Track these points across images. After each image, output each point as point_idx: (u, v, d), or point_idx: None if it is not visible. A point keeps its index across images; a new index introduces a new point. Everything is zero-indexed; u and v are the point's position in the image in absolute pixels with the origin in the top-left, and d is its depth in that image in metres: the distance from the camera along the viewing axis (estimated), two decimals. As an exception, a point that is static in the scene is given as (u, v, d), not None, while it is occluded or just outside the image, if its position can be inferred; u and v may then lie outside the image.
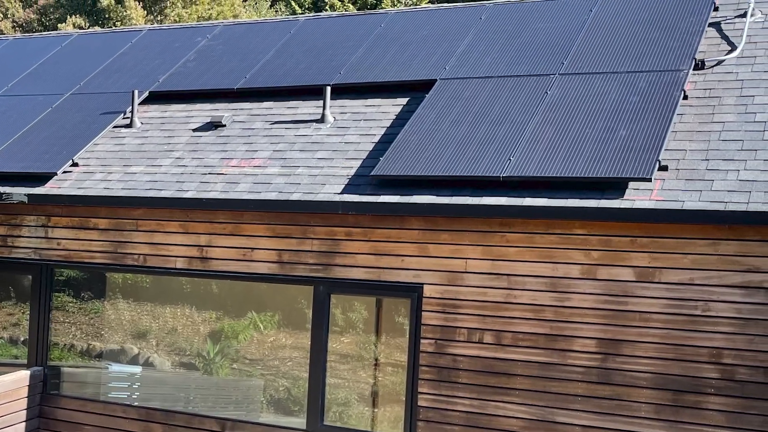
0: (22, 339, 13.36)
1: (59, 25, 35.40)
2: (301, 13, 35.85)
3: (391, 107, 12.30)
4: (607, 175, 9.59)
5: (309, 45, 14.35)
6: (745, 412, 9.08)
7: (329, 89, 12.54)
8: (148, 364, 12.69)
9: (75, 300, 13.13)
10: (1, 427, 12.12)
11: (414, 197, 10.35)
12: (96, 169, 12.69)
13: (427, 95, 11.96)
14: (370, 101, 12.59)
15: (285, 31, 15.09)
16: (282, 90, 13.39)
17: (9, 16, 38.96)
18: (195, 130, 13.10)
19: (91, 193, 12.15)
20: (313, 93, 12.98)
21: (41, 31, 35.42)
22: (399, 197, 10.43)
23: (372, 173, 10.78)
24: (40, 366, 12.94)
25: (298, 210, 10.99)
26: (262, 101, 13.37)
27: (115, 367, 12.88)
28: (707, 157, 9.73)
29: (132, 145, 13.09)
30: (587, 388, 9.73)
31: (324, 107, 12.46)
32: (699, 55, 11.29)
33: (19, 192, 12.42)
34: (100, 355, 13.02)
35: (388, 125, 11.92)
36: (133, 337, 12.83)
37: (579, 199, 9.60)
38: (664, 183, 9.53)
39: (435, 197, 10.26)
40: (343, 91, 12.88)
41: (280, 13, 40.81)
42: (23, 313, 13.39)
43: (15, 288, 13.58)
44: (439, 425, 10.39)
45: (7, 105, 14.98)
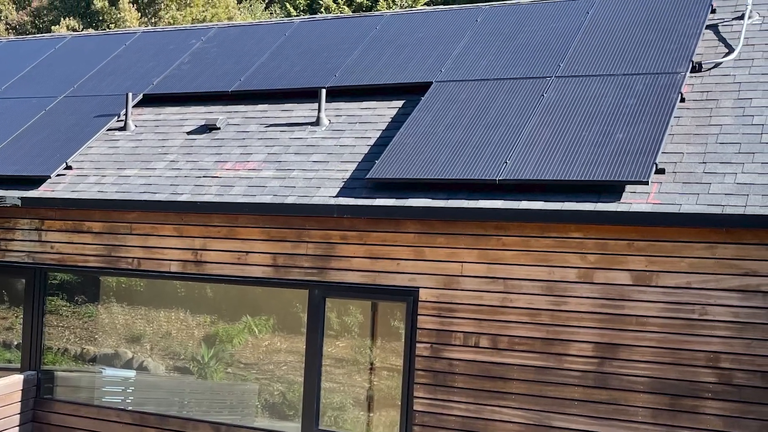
0: (15, 343, 13.30)
1: (53, 28, 35.29)
2: (296, 16, 35.80)
3: (387, 110, 12.26)
4: (604, 179, 9.55)
5: (304, 47, 14.30)
6: (743, 416, 9.04)
7: (324, 92, 12.50)
8: (142, 368, 12.64)
9: (69, 304, 13.08)
10: (-6, 432, 12.09)
11: (409, 200, 10.31)
12: (90, 172, 12.63)
13: (423, 98, 11.92)
14: (365, 104, 12.54)
15: (280, 34, 15.04)
16: (277, 92, 13.34)
17: (2, 18, 38.87)
18: (189, 132, 13.05)
19: (85, 197, 12.10)
20: (309, 95, 12.94)
21: (35, 34, 35.36)
22: (394, 200, 10.38)
23: (367, 176, 10.74)
24: (33, 370, 12.88)
25: (293, 213, 10.94)
26: (256, 104, 13.31)
27: (109, 372, 12.83)
28: (704, 160, 9.69)
29: (126, 148, 13.03)
30: (584, 392, 9.69)
31: (319, 110, 12.41)
32: (696, 58, 11.26)
33: (13, 195, 12.37)
34: (93, 359, 12.97)
35: (383, 128, 11.87)
36: (127, 341, 12.78)
37: (575, 203, 9.56)
38: (661, 186, 9.49)
39: (431, 200, 10.21)
40: (339, 94, 12.83)
41: (275, 16, 40.76)
42: (16, 317, 13.33)
43: (8, 292, 13.51)
44: (435, 430, 10.34)
45: (0, 108, 14.91)
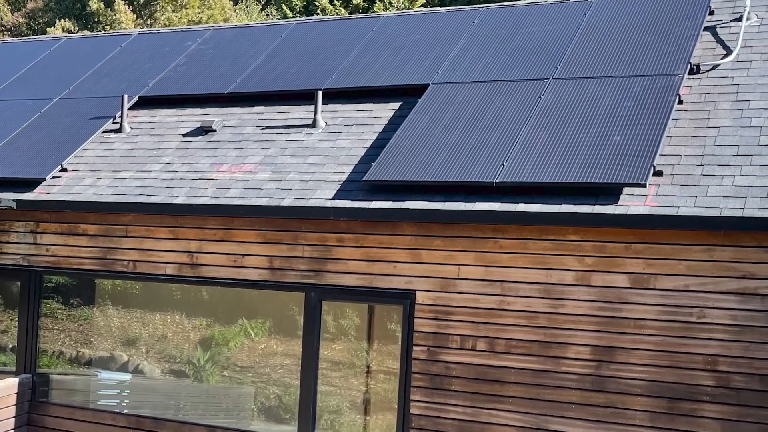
0: (10, 346, 13.25)
1: (48, 29, 35.26)
2: (292, 17, 35.76)
3: (383, 112, 12.22)
4: (602, 181, 9.52)
5: (300, 49, 14.26)
6: (741, 419, 9.01)
7: (321, 94, 12.46)
8: (137, 371, 12.60)
9: (64, 307, 13.04)
10: (-11, 436, 12.05)
11: (406, 203, 10.27)
12: (85, 175, 12.59)
13: (420, 100, 11.88)
14: (362, 106, 12.51)
15: (276, 35, 15.00)
16: (273, 95, 13.30)
17: (-2, 19, 38.85)
18: (185, 135, 13.01)
19: (81, 199, 12.06)
20: (305, 98, 12.90)
21: (30, 35, 35.30)
22: (391, 203, 10.35)
23: (364, 179, 10.70)
24: (28, 373, 12.84)
25: (289, 216, 10.91)
26: (252, 106, 13.28)
27: (105, 375, 12.79)
28: (702, 163, 9.66)
29: (121, 150, 12.99)
30: (581, 395, 9.66)
31: (315, 112, 12.37)
32: (694, 60, 11.22)
33: (8, 197, 12.33)
34: (89, 363, 12.93)
35: (380, 130, 11.84)
36: (123, 344, 12.74)
37: (573, 205, 9.53)
38: (658, 189, 9.46)
39: (427, 203, 10.18)
40: (335, 96, 12.79)
41: (271, 17, 40.74)
42: (11, 320, 13.28)
43: (3, 294, 13.47)
44: (432, 433, 10.32)
45: (-4, 109, 14.88)
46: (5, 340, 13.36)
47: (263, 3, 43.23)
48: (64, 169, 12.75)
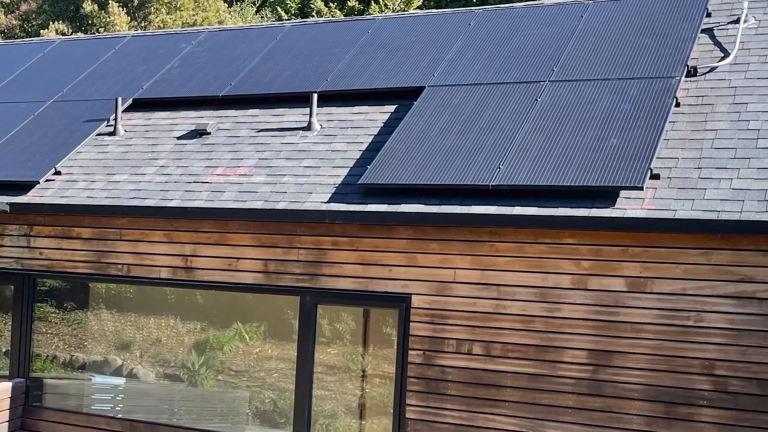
0: (3, 350, 13.19)
1: (42, 32, 35.19)
2: (287, 19, 35.72)
3: (379, 115, 12.18)
4: (598, 184, 9.48)
5: (295, 51, 14.21)
6: (738, 424, 8.97)
7: (316, 96, 12.42)
8: (131, 375, 12.56)
9: (58, 310, 13.00)
10: (-18, 440, 12.00)
11: (402, 206, 10.22)
12: (79, 178, 12.53)
13: (416, 102, 11.84)
14: (357, 108, 12.46)
15: (271, 38, 14.96)
16: (268, 97, 13.25)
17: (-9, 22, 38.78)
18: (179, 137, 12.96)
19: (74, 202, 12.01)
20: (300, 100, 12.86)
21: (23, 38, 35.22)
22: (387, 206, 10.30)
23: (359, 182, 10.65)
24: (22, 377, 12.79)
25: (284, 219, 10.86)
26: (247, 109, 13.23)
27: (99, 379, 12.75)
28: (700, 166, 9.62)
29: (115, 153, 12.93)
30: (578, 400, 9.62)
31: (310, 115, 12.33)
32: (691, 62, 11.19)
33: (1, 201, 12.27)
34: (83, 367, 12.88)
35: (375, 133, 11.79)
36: (117, 348, 12.69)
37: (569, 208, 9.49)
38: (656, 192, 9.43)
39: (423, 206, 10.13)
40: (330, 99, 12.75)
41: (265, 19, 40.69)
42: (5, 324, 13.22)
43: (-4, 298, 13.43)
44: (428, 438, 10.28)
45: (-11, 112, 14.81)
46: (-2, 344, 13.33)
47: (258, 5, 43.18)
48: (57, 172, 12.69)
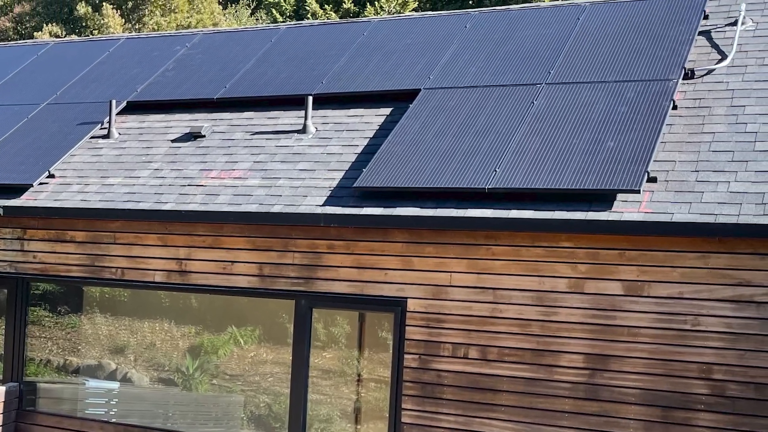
0: (-4, 354, 13.15)
1: (35, 34, 35.12)
2: (283, 22, 35.69)
3: (375, 117, 12.14)
4: (595, 187, 9.44)
5: (290, 54, 14.17)
6: (736, 428, 8.94)
7: (311, 99, 12.37)
8: (126, 379, 12.52)
9: (51, 314, 12.95)
10: (-25, 445, 11.95)
11: (397, 209, 10.18)
12: (73, 181, 12.48)
13: (411, 105, 11.80)
14: (352, 111, 12.42)
15: (266, 40, 14.91)
16: (263, 100, 13.21)
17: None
18: (174, 140, 12.91)
19: (68, 205, 11.96)
20: (295, 103, 12.81)
21: (17, 40, 35.13)
22: (382, 209, 10.26)
23: (355, 185, 10.61)
24: (15, 382, 12.73)
25: (279, 222, 10.82)
26: (242, 111, 13.18)
27: (93, 383, 12.70)
28: (697, 169, 9.59)
29: (109, 156, 12.88)
30: (574, 404, 9.58)
31: (306, 117, 12.28)
32: (689, 64, 11.15)
33: (-6, 204, 12.23)
34: (77, 371, 12.84)
35: (371, 136, 11.75)
36: (111, 352, 12.65)
37: (566, 212, 9.45)
38: (653, 195, 9.39)
39: (419, 209, 10.09)
40: (326, 101, 12.71)
41: (260, 22, 40.66)
42: (-2, 328, 13.18)
43: (-10, 302, 13.37)
44: (424, 442, 10.23)
45: (-18, 115, 14.75)
46: (-8, 348, 13.27)
47: (253, 7, 43.13)
48: (51, 176, 12.63)
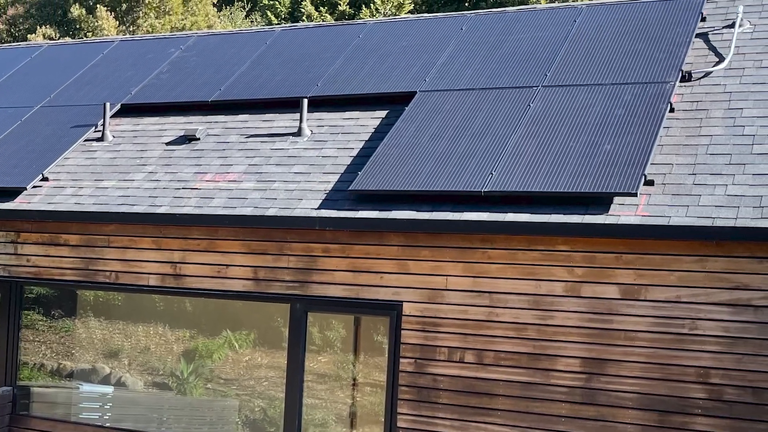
0: (-10, 358, 13.09)
1: (29, 36, 35.05)
2: (277, 24, 35.65)
3: (370, 120, 12.09)
4: (592, 190, 9.40)
5: (285, 56, 14.12)
6: (734, 433, 8.91)
7: (306, 102, 12.32)
8: (120, 383, 12.49)
9: (45, 318, 12.91)
10: (-32, 450, 11.90)
11: (393, 212, 10.13)
12: (67, 184, 12.42)
13: (407, 108, 11.75)
14: (348, 114, 12.37)
15: (261, 42, 14.86)
16: (257, 102, 13.16)
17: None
18: (168, 143, 12.85)
19: (62, 209, 11.91)
20: (290, 105, 12.76)
21: (10, 42, 35.06)
22: (378, 212, 10.21)
23: (350, 188, 10.56)
24: (9, 386, 12.68)
25: (274, 226, 10.77)
26: (237, 114, 13.14)
27: (87, 387, 12.67)
28: (694, 172, 9.55)
29: (104, 159, 12.82)
30: (571, 408, 9.53)
31: (301, 120, 12.24)
32: (686, 67, 11.12)
33: (-13, 207, 12.18)
34: (70, 375, 12.81)
35: (366, 139, 11.71)
36: (105, 357, 12.61)
37: (562, 215, 9.42)
38: (650, 198, 9.35)
39: (415, 213, 10.05)
40: (321, 104, 12.66)
41: (255, 24, 40.63)
42: (-9, 332, 13.12)
43: (-17, 306, 13.31)
44: (420, 447, 10.18)
45: (-24, 117, 14.69)
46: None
47: (247, 9, 43.11)
48: (45, 178, 12.58)
